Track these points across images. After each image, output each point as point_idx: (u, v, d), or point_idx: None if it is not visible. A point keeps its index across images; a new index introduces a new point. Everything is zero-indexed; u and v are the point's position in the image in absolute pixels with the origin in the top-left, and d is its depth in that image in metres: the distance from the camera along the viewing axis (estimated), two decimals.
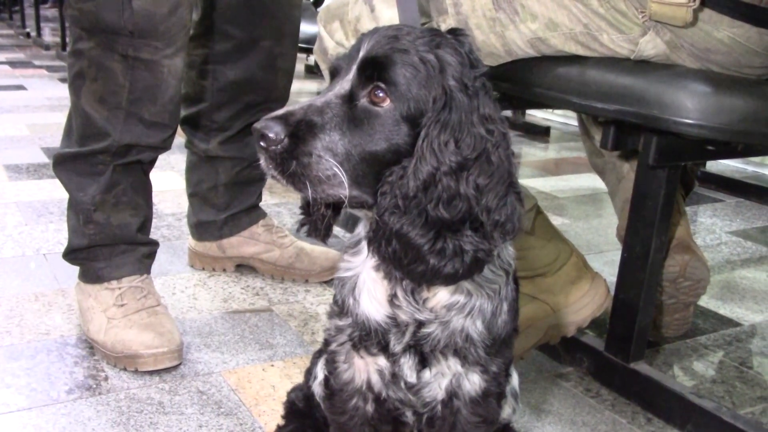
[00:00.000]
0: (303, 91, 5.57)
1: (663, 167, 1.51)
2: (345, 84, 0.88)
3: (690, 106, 1.27)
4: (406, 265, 0.88)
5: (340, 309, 1.06)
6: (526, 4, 1.41)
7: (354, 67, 0.88)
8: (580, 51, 1.43)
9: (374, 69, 0.86)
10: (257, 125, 0.85)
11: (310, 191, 0.86)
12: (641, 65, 1.39)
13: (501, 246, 0.98)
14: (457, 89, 0.86)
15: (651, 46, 1.36)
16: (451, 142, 0.85)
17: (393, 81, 0.86)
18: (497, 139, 0.87)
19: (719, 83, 1.30)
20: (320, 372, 1.29)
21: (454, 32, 0.92)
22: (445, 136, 0.85)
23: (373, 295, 1.01)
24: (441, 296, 0.99)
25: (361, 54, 0.88)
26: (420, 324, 1.00)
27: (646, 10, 1.30)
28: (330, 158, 0.85)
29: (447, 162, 0.85)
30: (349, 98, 0.88)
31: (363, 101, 0.87)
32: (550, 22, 1.40)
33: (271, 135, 0.84)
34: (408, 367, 1.05)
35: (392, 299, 1.00)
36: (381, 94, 0.86)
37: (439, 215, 0.85)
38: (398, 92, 0.86)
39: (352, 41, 1.57)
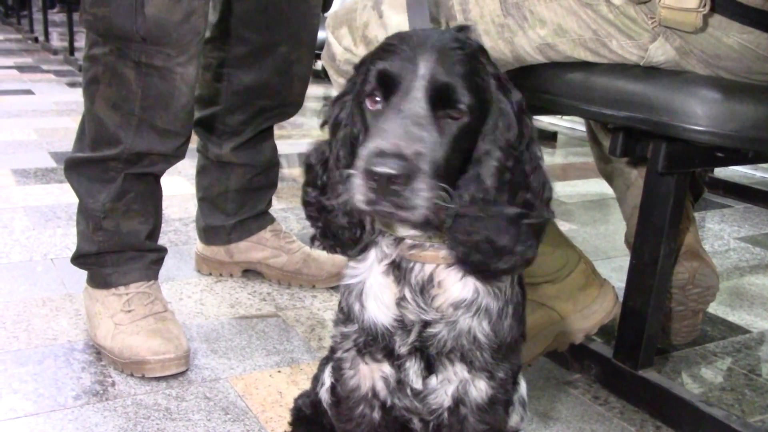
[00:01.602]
0: (309, 96, 5.56)
1: (672, 174, 1.50)
2: (418, 108, 0.87)
3: (700, 113, 1.26)
4: (494, 263, 0.93)
5: (345, 316, 1.06)
6: (535, 10, 1.40)
7: (421, 91, 0.87)
8: (589, 57, 1.43)
9: (445, 93, 0.88)
10: (380, 170, 0.82)
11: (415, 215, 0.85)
12: (651, 72, 1.38)
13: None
14: (497, 89, 0.92)
15: (661, 52, 1.36)
16: (509, 139, 0.92)
17: (463, 101, 0.88)
18: (531, 130, 0.95)
19: (729, 90, 1.30)
20: (327, 379, 1.29)
21: (459, 29, 0.96)
22: (505, 135, 0.92)
23: (381, 299, 1.01)
24: (450, 293, 0.99)
25: (424, 74, 0.87)
26: (426, 324, 1.00)
27: (655, 15, 1.30)
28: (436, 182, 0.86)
29: (511, 159, 0.92)
30: (429, 119, 0.88)
31: (441, 119, 0.88)
32: (558, 28, 1.40)
33: (396, 173, 0.82)
34: (413, 372, 1.05)
35: (400, 301, 1.00)
36: (455, 114, 0.88)
37: (513, 211, 0.91)
38: (468, 108, 0.89)
39: (361, 47, 1.57)
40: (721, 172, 3.72)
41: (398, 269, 0.99)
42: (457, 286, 0.99)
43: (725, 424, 1.50)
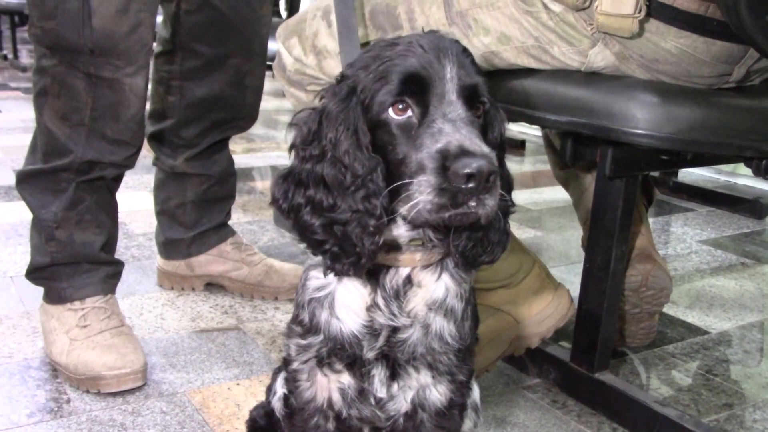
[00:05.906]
0: (281, 110, 5.58)
1: (620, 177, 1.52)
2: (458, 110, 0.89)
3: (638, 116, 1.28)
4: (482, 256, 0.99)
5: (305, 328, 1.05)
6: (479, 18, 1.42)
7: (455, 94, 0.89)
8: (533, 64, 1.45)
9: (474, 93, 0.91)
10: (485, 168, 0.83)
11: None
12: (591, 77, 1.40)
13: None
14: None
15: (600, 57, 1.38)
16: (502, 133, 1.00)
17: (485, 100, 0.94)
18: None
19: (667, 93, 1.32)
20: (280, 388, 1.28)
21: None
22: (500, 129, 1.00)
23: (350, 307, 1.01)
24: (428, 292, 1.00)
25: (453, 77, 0.89)
26: (395, 329, 1.00)
27: (594, 22, 1.32)
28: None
29: (503, 153, 1.00)
30: (469, 120, 0.89)
31: (474, 118, 0.92)
32: (502, 35, 1.41)
33: (494, 169, 0.84)
34: (378, 380, 1.05)
35: (370, 308, 1.00)
36: (478, 114, 0.93)
37: (502, 204, 0.94)
38: (487, 104, 0.95)
39: (311, 57, 1.58)
40: (686, 177, 3.77)
41: (371, 275, 0.99)
42: (433, 286, 1.00)
43: (679, 425, 1.51)
